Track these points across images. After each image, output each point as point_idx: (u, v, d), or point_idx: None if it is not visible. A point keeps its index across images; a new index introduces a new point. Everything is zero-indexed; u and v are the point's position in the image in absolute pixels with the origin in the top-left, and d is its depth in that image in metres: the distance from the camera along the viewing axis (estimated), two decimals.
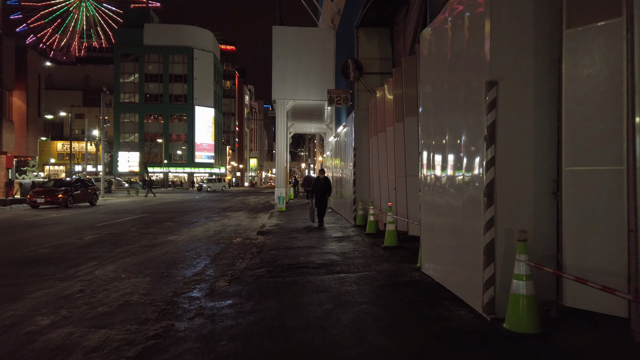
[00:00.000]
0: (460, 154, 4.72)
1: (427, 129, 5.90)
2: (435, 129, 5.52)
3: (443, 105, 5.26)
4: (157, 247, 9.70)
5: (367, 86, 12.81)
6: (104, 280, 6.52)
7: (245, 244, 10.12)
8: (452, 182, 4.97)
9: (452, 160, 4.95)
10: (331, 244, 9.56)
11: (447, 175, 5.12)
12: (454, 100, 4.89)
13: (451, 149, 4.99)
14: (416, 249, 8.23)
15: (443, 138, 5.23)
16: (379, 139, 10.63)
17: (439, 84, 5.38)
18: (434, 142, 5.59)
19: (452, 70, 4.91)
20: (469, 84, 4.47)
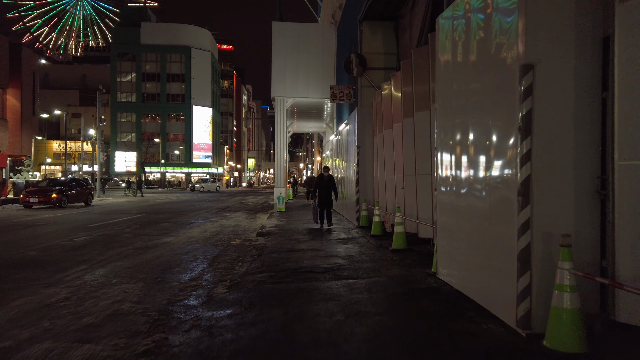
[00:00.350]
0: (486, 150, 4.25)
1: (444, 124, 5.42)
2: (455, 123, 5.05)
3: (465, 97, 4.79)
4: (151, 249, 9.20)
5: (371, 82, 12.35)
6: (93, 286, 6.03)
7: (244, 246, 9.64)
8: (476, 181, 4.50)
9: (477, 157, 4.48)
10: (336, 246, 9.08)
11: (469, 174, 4.65)
12: (480, 89, 4.42)
13: (475, 145, 4.52)
14: (427, 252, 7.76)
15: (465, 133, 4.76)
16: (385, 136, 10.16)
17: (461, 73, 4.90)
18: (453, 138, 5.11)
19: (478, 56, 4.44)
20: (499, 70, 3.99)
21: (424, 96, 7.46)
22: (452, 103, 5.16)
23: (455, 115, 5.06)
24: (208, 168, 74.73)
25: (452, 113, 5.16)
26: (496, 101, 4.08)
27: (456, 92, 5.03)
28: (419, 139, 7.76)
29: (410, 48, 10.70)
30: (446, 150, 5.33)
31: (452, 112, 5.14)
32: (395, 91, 9.33)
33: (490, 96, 4.18)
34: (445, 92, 5.41)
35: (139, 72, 73.07)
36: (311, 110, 24.48)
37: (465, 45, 4.77)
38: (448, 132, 5.27)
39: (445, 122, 5.38)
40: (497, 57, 4.04)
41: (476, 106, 4.50)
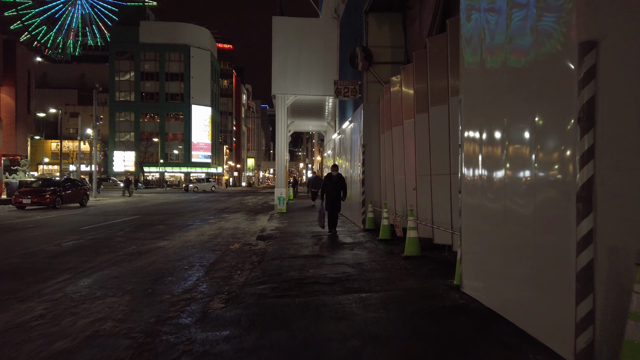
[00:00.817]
0: (530, 146, 3.59)
1: (472, 118, 4.76)
2: (487, 116, 4.40)
3: (500, 85, 4.13)
4: (144, 255, 8.55)
5: (378, 77, 11.70)
6: (73, 301, 5.37)
7: (244, 251, 8.99)
8: (515, 183, 3.85)
9: (516, 155, 3.83)
10: (342, 252, 8.43)
11: (506, 174, 4.00)
12: (521, 75, 3.76)
13: (514, 140, 3.87)
14: (444, 260, 7.11)
15: (500, 127, 4.11)
16: (394, 133, 9.51)
17: (495, 58, 4.23)
18: (484, 133, 4.46)
19: (518, 36, 3.78)
20: (549, 50, 3.33)
21: (440, 89, 6.82)
22: (483, 93, 4.50)
23: (486, 107, 4.41)
24: (207, 168, 74.03)
25: (482, 105, 4.51)
26: (544, 88, 3.43)
27: (488, 80, 4.37)
28: (434, 135, 7.11)
29: (420, 40, 10.05)
30: (474, 147, 4.67)
31: (483, 104, 4.49)
32: (405, 85, 8.69)
33: (536, 83, 3.52)
34: (473, 81, 4.75)
35: (137, 71, 72.34)
36: (312, 108, 23.83)
37: (499, 23, 4.11)
38: (477, 127, 4.62)
39: (473, 116, 4.73)
40: (545, 34, 3.38)
41: (516, 95, 3.84)
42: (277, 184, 18.78)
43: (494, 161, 4.23)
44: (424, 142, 7.49)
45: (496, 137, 4.19)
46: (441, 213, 7.02)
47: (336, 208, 10.85)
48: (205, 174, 69.79)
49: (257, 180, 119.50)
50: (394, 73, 11.45)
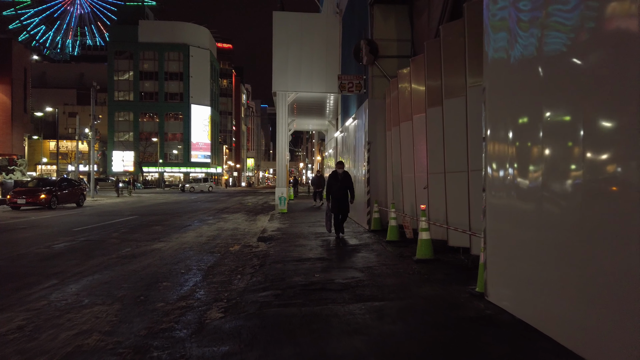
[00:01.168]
0: (578, 139, 3.11)
1: (500, 109, 4.26)
2: (520, 106, 3.91)
3: (537, 70, 3.64)
4: (138, 258, 8.07)
5: (383, 71, 11.22)
6: (58, 310, 4.90)
7: (244, 254, 8.51)
8: (557, 181, 3.36)
9: (558, 149, 3.35)
10: (348, 254, 7.95)
11: (545, 171, 3.51)
12: (565, 57, 3.27)
13: (556, 132, 3.39)
14: (459, 264, 6.63)
15: (537, 118, 3.62)
16: (402, 129, 9.03)
17: (528, 38, 3.73)
18: (515, 126, 3.97)
19: (561, 15, 3.29)
20: (611, 27, 2.85)
21: (456, 80, 6.35)
22: (514, 81, 4.01)
23: (518, 97, 3.92)
24: (207, 168, 73.54)
25: (512, 94, 4.03)
26: (601, 71, 2.94)
27: (521, 67, 3.89)
28: (449, 130, 6.64)
29: (428, 32, 9.58)
30: (502, 141, 4.18)
31: (514, 93, 4.01)
32: (415, 78, 8.21)
33: (589, 64, 3.04)
34: (501, 69, 4.27)
35: (136, 71, 71.84)
36: (312, 106, 23.35)
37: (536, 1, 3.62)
38: (506, 119, 4.13)
39: (501, 107, 4.24)
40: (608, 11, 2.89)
41: (559, 81, 3.36)
42: (278, 183, 18.30)
43: (527, 157, 3.75)
44: (437, 137, 7.02)
45: (531, 130, 3.70)
46: (457, 213, 6.54)
47: (343, 209, 9.72)
48: (204, 174, 69.30)
49: (257, 180, 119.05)
50: (401, 67, 10.97)
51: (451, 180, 6.66)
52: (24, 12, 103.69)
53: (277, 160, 18.48)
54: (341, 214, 9.77)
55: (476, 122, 5.89)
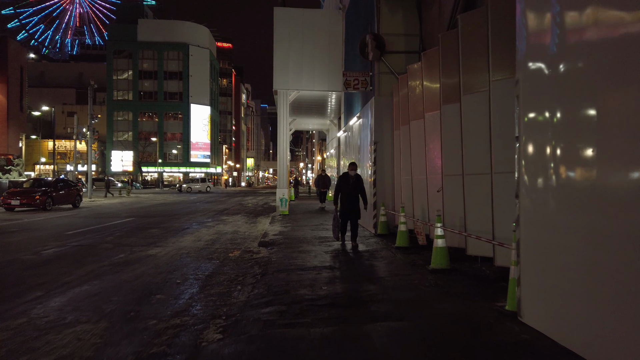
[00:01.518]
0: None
1: (537, 103, 3.72)
2: (564, 99, 3.39)
3: (593, 51, 3.10)
4: (131, 265, 7.55)
5: (390, 67, 10.70)
6: (37, 329, 4.38)
7: (244, 260, 8.00)
8: (621, 187, 2.84)
9: (617, 149, 2.83)
10: (356, 262, 7.43)
11: (600, 175, 2.99)
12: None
13: (615, 128, 2.87)
14: (479, 275, 6.10)
15: (587, 112, 3.10)
16: (412, 128, 8.52)
17: (580, 19, 3.19)
18: (558, 121, 3.44)
19: None
20: None
21: (476, 74, 5.84)
22: (560, 71, 3.47)
23: (566, 89, 3.39)
24: (206, 168, 73.02)
25: (554, 86, 3.49)
26: None
27: (567, 54, 3.35)
28: (468, 129, 6.12)
29: (439, 26, 9.07)
30: (542, 140, 3.63)
31: (556, 85, 3.47)
32: (427, 73, 7.69)
33: None
34: (540, 56, 3.71)
35: (135, 70, 71.31)
36: (313, 105, 22.84)
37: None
38: (547, 115, 3.59)
39: (540, 101, 3.69)
40: None
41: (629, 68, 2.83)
42: (279, 184, 17.77)
43: (576, 158, 3.23)
44: (453, 137, 6.50)
45: (581, 128, 3.18)
46: (477, 219, 6.03)
47: (354, 215, 8.75)
48: (204, 174, 68.76)
49: (257, 180, 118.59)
50: (409, 63, 10.46)
51: (471, 183, 6.14)
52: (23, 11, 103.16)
53: (278, 160, 17.96)
54: (351, 220, 8.82)
55: (501, 120, 5.38)
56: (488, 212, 5.64)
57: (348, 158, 16.26)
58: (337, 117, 25.72)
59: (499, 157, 5.40)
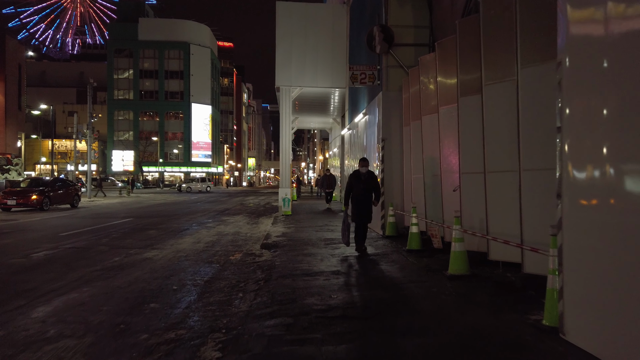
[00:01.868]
0: None
1: (588, 81, 3.17)
2: (624, 75, 2.87)
3: None
4: (126, 270, 7.06)
5: (399, 60, 10.20)
6: (13, 345, 3.90)
7: (246, 264, 7.51)
8: None
9: None
10: (367, 266, 6.93)
11: None
12: None
13: None
14: (502, 281, 5.58)
15: None
16: (425, 124, 8.02)
17: None
18: (615, 106, 2.92)
19: None
20: None
21: (502, 61, 5.34)
22: (617, 44, 2.94)
23: (622, 70, 2.88)
24: (208, 167, 72.58)
25: (613, 64, 2.97)
26: None
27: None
28: (491, 122, 5.62)
29: (452, 15, 8.56)
30: (594, 132, 3.12)
31: (614, 63, 2.95)
32: (442, 64, 7.19)
33: None
34: (590, 29, 3.18)
35: (136, 69, 70.89)
36: (315, 103, 22.33)
37: None
38: (600, 99, 3.06)
39: (590, 84, 3.16)
40: None
41: None
42: (282, 183, 17.28)
43: (635, 153, 2.72)
44: (473, 131, 6.00)
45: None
46: (501, 221, 5.53)
47: (366, 217, 7.84)
48: (205, 173, 68.30)
49: (258, 180, 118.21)
50: (418, 56, 9.96)
51: (494, 181, 5.63)
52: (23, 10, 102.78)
53: (280, 158, 17.46)
54: (363, 222, 7.85)
55: (531, 111, 4.87)
56: (514, 213, 5.14)
57: (353, 157, 15.76)
58: (340, 115, 25.21)
59: (528, 153, 4.90)
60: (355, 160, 15.15)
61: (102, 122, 70.99)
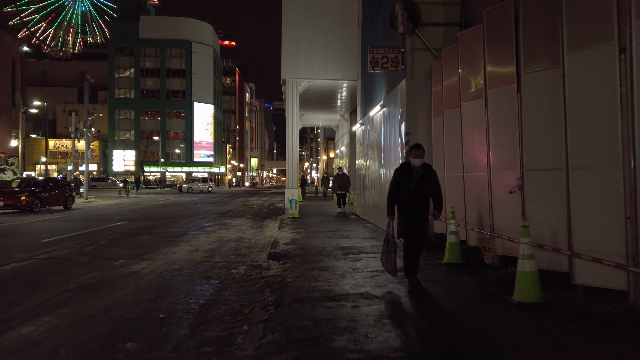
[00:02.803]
0: None
1: None
2: None
3: None
4: (104, 289, 5.77)
5: (427, 42, 8.87)
6: None
7: (251, 281, 6.22)
8: None
9: None
10: (402, 287, 5.60)
11: None
12: None
13: None
14: (595, 316, 4.19)
15: None
16: (465, 112, 6.69)
17: None
18: None
19: None
20: None
21: (592, 22, 4.00)
22: None
23: None
24: (210, 167, 71.39)
25: None
26: None
27: None
28: (577, 101, 4.28)
29: None
30: None
31: None
32: (491, 38, 5.87)
33: None
34: None
35: (137, 68, 69.79)
36: (322, 98, 21.01)
37: None
38: None
39: None
40: None
41: None
42: (288, 183, 15.97)
43: None
44: (544, 115, 4.68)
45: None
46: (594, 233, 4.21)
47: (421, 233, 5.51)
48: (207, 173, 67.08)
49: (261, 180, 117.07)
50: (448, 38, 8.66)
51: (581, 179, 4.30)
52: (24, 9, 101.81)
53: (287, 156, 16.15)
54: (416, 240, 5.50)
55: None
56: (618, 223, 3.83)
57: (366, 157, 14.43)
58: (349, 111, 23.90)
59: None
60: (370, 158, 13.80)
61: (103, 121, 69.90)
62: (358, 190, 16.34)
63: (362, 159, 15.27)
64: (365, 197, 14.50)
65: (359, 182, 16.29)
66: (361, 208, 15.29)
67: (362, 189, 15.27)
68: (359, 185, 16.26)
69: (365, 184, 14.34)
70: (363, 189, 14.91)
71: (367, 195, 14.07)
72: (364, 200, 14.80)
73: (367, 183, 14.11)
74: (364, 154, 14.78)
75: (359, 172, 16.31)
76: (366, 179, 14.27)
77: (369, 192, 13.67)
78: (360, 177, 15.60)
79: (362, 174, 15.41)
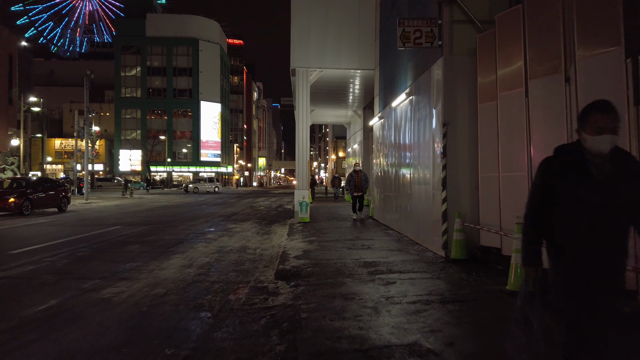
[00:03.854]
0: None
1: None
2: None
3: None
4: (55, 330, 4.26)
5: (470, 13, 7.27)
6: None
7: (253, 314, 4.68)
8: None
9: None
10: (464, 334, 4.02)
11: None
12: None
13: None
14: None
15: None
16: (534, 93, 5.08)
17: None
18: None
19: None
20: None
21: None
22: None
23: None
24: (217, 167, 70.12)
25: None
26: None
27: None
28: None
29: None
30: None
31: None
32: None
33: None
34: None
35: (144, 66, 68.69)
36: (333, 91, 19.44)
37: None
38: None
39: None
40: None
41: None
42: (298, 183, 14.43)
43: None
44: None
45: None
46: None
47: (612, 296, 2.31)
48: (214, 173, 65.78)
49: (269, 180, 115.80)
50: (495, 7, 7.06)
51: None
52: (32, 8, 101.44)
53: (297, 153, 14.62)
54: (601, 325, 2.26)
55: None
56: None
57: (386, 153, 12.84)
58: (362, 106, 22.32)
59: None
60: (390, 156, 12.19)
61: (110, 120, 68.93)
62: (375, 192, 14.75)
63: (381, 157, 13.68)
64: (384, 199, 12.92)
65: (376, 182, 14.72)
66: (380, 211, 13.70)
67: (381, 189, 13.69)
68: (376, 186, 14.68)
69: (385, 184, 12.75)
70: (383, 189, 13.33)
71: (387, 197, 12.48)
72: (382, 202, 13.23)
73: (387, 183, 12.52)
74: (384, 151, 13.19)
75: (377, 171, 14.73)
76: (386, 179, 12.69)
77: (390, 194, 12.07)
78: (379, 177, 14.01)
79: (380, 173, 13.81)
